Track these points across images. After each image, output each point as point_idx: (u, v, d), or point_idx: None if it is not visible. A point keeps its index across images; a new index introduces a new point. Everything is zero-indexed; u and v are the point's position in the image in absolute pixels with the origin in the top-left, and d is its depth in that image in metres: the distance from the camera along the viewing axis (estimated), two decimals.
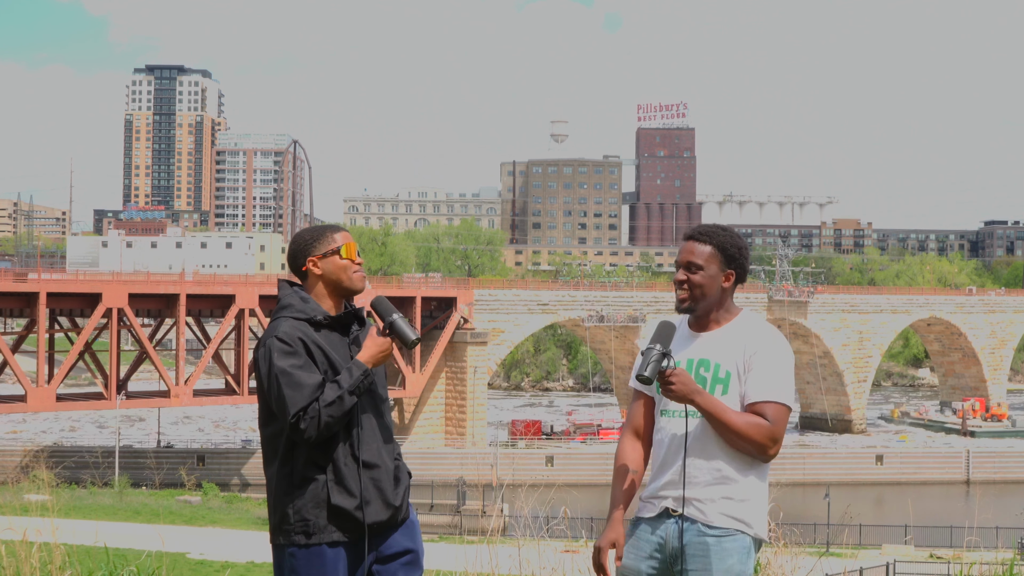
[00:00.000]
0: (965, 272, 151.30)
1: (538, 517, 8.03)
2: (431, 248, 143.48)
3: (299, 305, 4.26)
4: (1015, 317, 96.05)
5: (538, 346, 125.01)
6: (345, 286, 4.35)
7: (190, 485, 50.82)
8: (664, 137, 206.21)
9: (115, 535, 10.29)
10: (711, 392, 4.23)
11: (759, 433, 4.13)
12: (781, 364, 4.24)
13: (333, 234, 4.35)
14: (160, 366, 56.07)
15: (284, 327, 4.18)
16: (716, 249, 4.33)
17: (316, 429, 4.07)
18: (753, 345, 4.24)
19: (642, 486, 4.45)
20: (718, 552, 4.19)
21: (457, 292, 70.62)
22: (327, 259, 4.32)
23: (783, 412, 4.19)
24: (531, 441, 71.81)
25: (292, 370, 4.09)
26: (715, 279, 4.31)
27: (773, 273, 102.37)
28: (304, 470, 4.19)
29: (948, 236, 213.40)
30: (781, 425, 4.18)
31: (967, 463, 68.93)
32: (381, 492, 4.26)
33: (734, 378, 4.23)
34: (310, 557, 4.18)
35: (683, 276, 4.33)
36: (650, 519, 4.33)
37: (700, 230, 4.38)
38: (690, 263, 4.32)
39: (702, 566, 4.19)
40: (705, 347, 4.32)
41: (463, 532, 37.99)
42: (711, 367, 4.27)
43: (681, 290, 4.33)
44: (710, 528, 4.20)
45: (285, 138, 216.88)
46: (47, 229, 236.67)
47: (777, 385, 4.20)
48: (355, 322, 4.40)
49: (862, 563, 27.03)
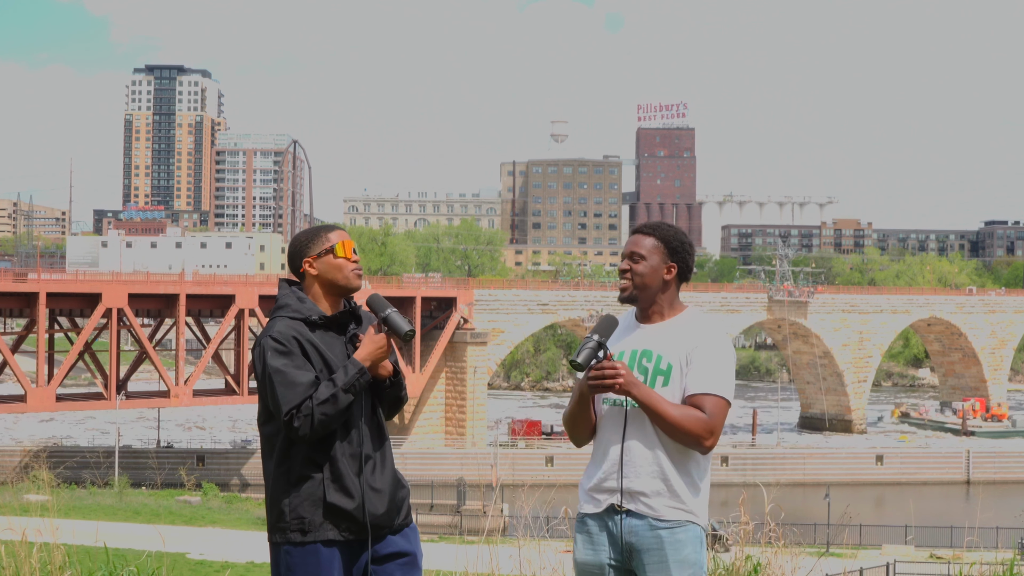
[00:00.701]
0: (965, 272, 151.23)
1: (538, 517, 8.03)
2: (431, 248, 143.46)
3: (295, 305, 4.29)
4: (1015, 317, 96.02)
5: (538, 346, 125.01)
6: (341, 284, 4.37)
7: (190, 485, 50.79)
8: (664, 137, 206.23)
9: (115, 535, 10.28)
10: (652, 384, 4.30)
11: (695, 425, 4.18)
12: (722, 359, 4.32)
13: (327, 234, 4.37)
14: (160, 366, 56.05)
15: (279, 326, 4.22)
16: (659, 241, 4.46)
17: (310, 427, 4.09)
18: (695, 339, 4.34)
19: (584, 478, 4.49)
20: (672, 544, 4.27)
21: (457, 292, 70.61)
22: (322, 259, 4.34)
23: (721, 405, 4.25)
24: (531, 441, 71.75)
25: (285, 369, 4.12)
26: (657, 270, 4.42)
27: (773, 273, 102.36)
28: (301, 468, 4.21)
29: (948, 236, 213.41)
30: (719, 418, 4.23)
31: (967, 463, 68.91)
32: (378, 491, 4.28)
33: (675, 370, 4.31)
34: (306, 555, 4.20)
35: (626, 265, 4.45)
36: (598, 514, 4.38)
37: (647, 224, 4.52)
38: (633, 253, 4.44)
39: (658, 559, 4.26)
40: (648, 338, 4.41)
41: (463, 532, 37.95)
42: (653, 358, 4.35)
43: (623, 279, 4.44)
44: (660, 521, 4.28)
45: (285, 138, 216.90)
46: (47, 229, 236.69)
47: (717, 378, 4.27)
48: (352, 321, 4.40)
49: (862, 563, 27.04)
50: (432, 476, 53.46)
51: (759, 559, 7.32)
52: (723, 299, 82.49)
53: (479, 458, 60.64)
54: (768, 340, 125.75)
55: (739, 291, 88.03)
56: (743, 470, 63.21)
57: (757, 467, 64.26)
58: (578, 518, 4.48)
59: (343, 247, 4.33)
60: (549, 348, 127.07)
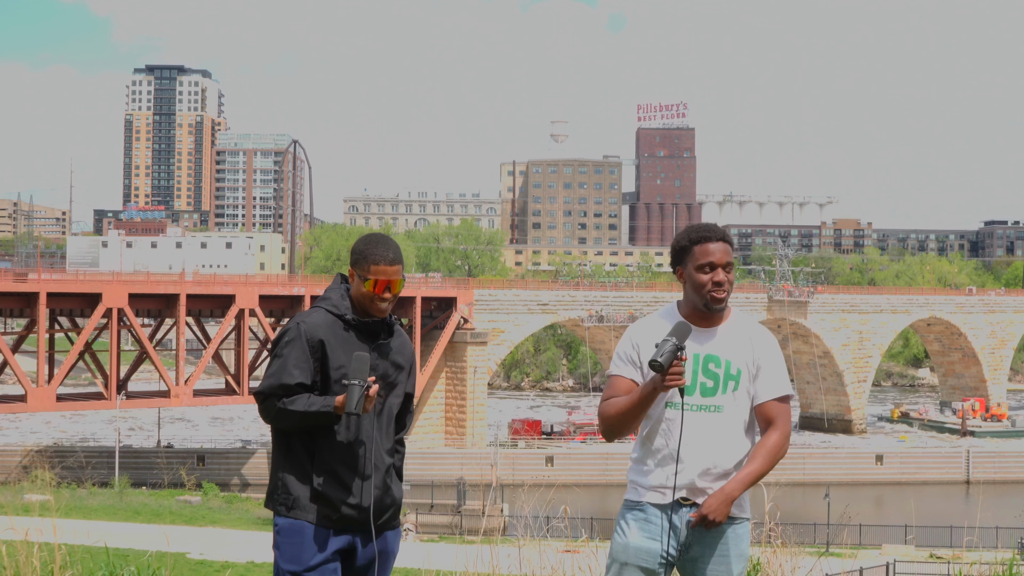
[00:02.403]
0: (965, 272, 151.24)
1: (538, 517, 8.04)
2: (431, 248, 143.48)
3: (335, 300, 4.53)
4: (1015, 317, 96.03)
5: (538, 346, 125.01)
6: (365, 308, 4.54)
7: (190, 485, 50.83)
8: (664, 137, 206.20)
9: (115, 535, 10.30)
10: (723, 388, 4.48)
11: (775, 453, 4.47)
12: (780, 360, 4.59)
13: (373, 264, 4.48)
14: (160, 366, 56.06)
15: (315, 318, 4.46)
16: (729, 246, 4.61)
17: (268, 418, 4.38)
18: (757, 345, 4.54)
19: (640, 472, 4.60)
20: (733, 538, 4.52)
21: (457, 292, 70.63)
22: (359, 278, 4.51)
23: (789, 408, 4.56)
24: (531, 441, 71.78)
25: (288, 357, 4.37)
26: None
27: (773, 273, 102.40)
28: (299, 448, 4.43)
29: (948, 236, 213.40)
30: (788, 419, 4.55)
31: (967, 463, 68.93)
32: (366, 485, 4.44)
33: (744, 375, 4.50)
34: (292, 530, 4.39)
35: (722, 277, 4.53)
36: (660, 505, 4.51)
37: (721, 230, 4.60)
38: (729, 263, 4.55)
39: (721, 552, 4.48)
40: (711, 343, 4.54)
41: (463, 532, 37.93)
42: (722, 363, 4.51)
43: (723, 290, 4.52)
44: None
45: (285, 138, 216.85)
46: (47, 229, 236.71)
47: (781, 381, 4.56)
48: (384, 330, 4.58)
49: (862, 563, 27.05)
50: (432, 476, 53.47)
51: (759, 558, 7.33)
52: None
53: (479, 458, 60.64)
54: None
55: (739, 291, 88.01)
56: None
57: None
58: (632, 505, 4.57)
59: (374, 284, 4.47)
60: (549, 348, 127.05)
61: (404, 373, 4.64)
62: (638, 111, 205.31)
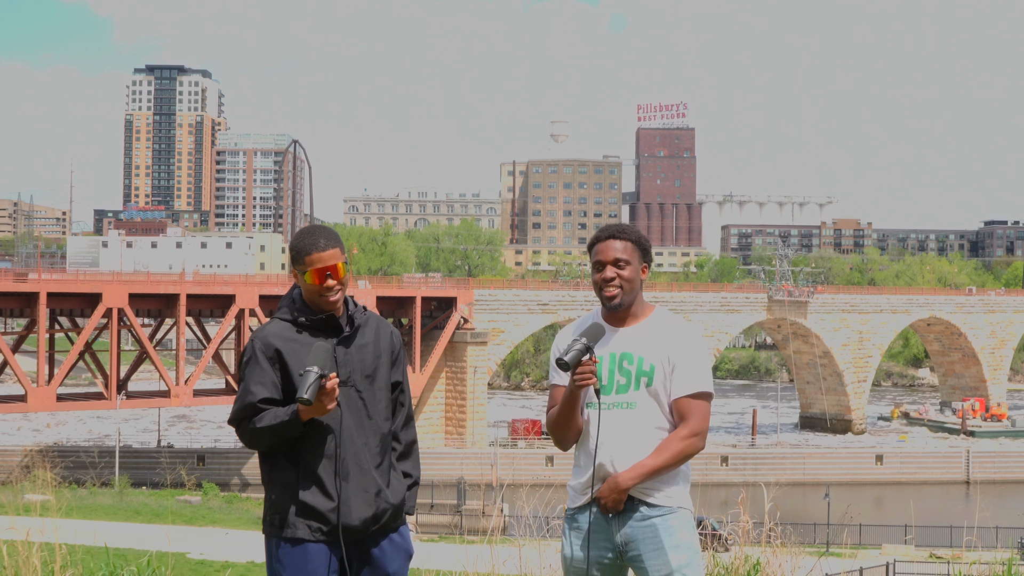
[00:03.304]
0: (965, 272, 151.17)
1: (538, 517, 8.04)
2: (431, 248, 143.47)
3: (287, 306, 4.37)
4: (1015, 317, 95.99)
5: (538, 346, 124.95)
6: (317, 305, 4.34)
7: (190, 485, 50.82)
8: (664, 137, 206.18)
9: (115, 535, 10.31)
10: (636, 385, 4.43)
11: (683, 449, 4.38)
12: (701, 357, 4.48)
13: (307, 255, 4.28)
14: (160, 366, 56.04)
15: (269, 329, 4.31)
16: (634, 244, 4.52)
17: (248, 442, 4.25)
18: (673, 341, 4.45)
19: (573, 476, 4.61)
20: (665, 529, 4.39)
21: (457, 292, 70.60)
22: (300, 275, 4.32)
23: (706, 404, 4.45)
24: (531, 441, 71.76)
25: (249, 377, 4.24)
26: (637, 272, 4.51)
27: (773, 273, 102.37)
28: (282, 464, 4.27)
29: (948, 236, 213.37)
30: (703, 418, 4.43)
31: (967, 463, 68.90)
32: (355, 496, 4.25)
33: (658, 370, 4.43)
34: (285, 549, 4.24)
35: (612, 273, 4.46)
36: (585, 507, 4.50)
37: (615, 228, 4.56)
38: (617, 259, 4.47)
39: (654, 546, 4.39)
40: (626, 342, 4.49)
41: (463, 532, 37.92)
42: (635, 360, 4.45)
43: (611, 287, 4.46)
44: (652, 508, 4.41)
45: (285, 138, 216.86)
46: (47, 229, 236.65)
47: (699, 377, 4.44)
48: (345, 323, 4.37)
49: (862, 563, 27.08)
50: (432, 476, 53.40)
51: (758, 558, 7.33)
52: (723, 299, 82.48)
53: (479, 458, 60.63)
54: (768, 340, 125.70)
55: (739, 291, 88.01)
56: (743, 470, 63.23)
57: (757, 467, 64.24)
58: (568, 515, 4.57)
59: (312, 275, 4.27)
60: (549, 348, 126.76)
61: (384, 362, 4.38)
62: (638, 111, 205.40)
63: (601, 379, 4.45)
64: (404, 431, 4.51)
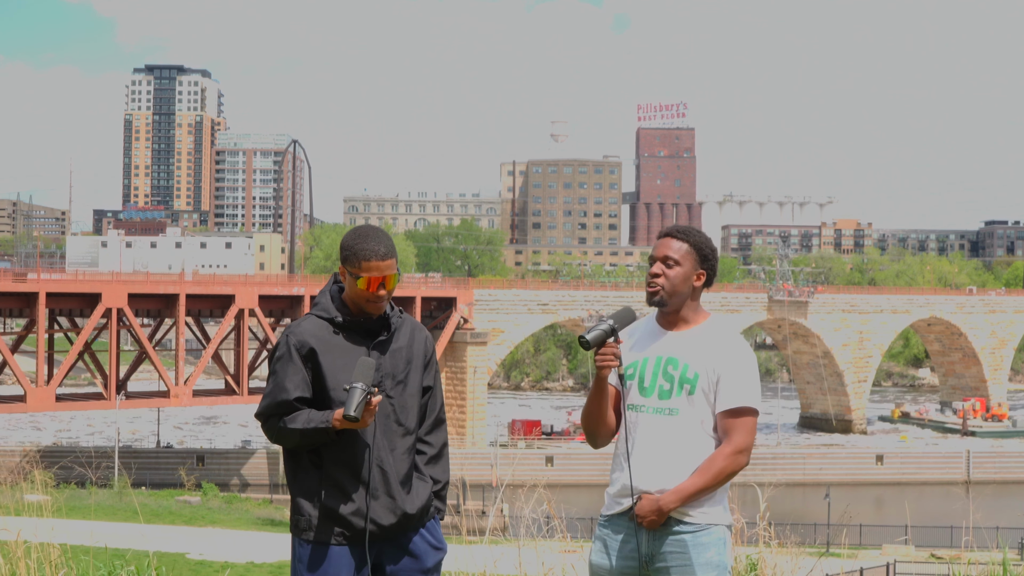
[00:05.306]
0: (965, 272, 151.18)
1: (538, 517, 8.02)
2: (431, 248, 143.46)
3: (324, 303, 4.31)
4: (1015, 317, 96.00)
5: (538, 346, 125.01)
6: (360, 306, 4.30)
7: (190, 485, 50.80)
8: (664, 137, 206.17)
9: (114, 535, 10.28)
10: (678, 392, 4.33)
11: (725, 468, 4.30)
12: (749, 371, 4.36)
13: (364, 260, 4.21)
14: (160, 366, 56.05)
15: (306, 325, 4.25)
16: (692, 247, 4.45)
17: (272, 438, 4.22)
18: (722, 352, 4.35)
19: (611, 483, 4.50)
20: (695, 546, 4.29)
21: (457, 292, 70.60)
22: (350, 276, 4.27)
23: (751, 419, 4.34)
24: (531, 441, 71.78)
25: (281, 372, 4.19)
26: (688, 276, 4.43)
27: (773, 273, 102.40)
28: (307, 464, 4.24)
29: (948, 236, 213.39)
30: (748, 434, 4.33)
31: (967, 463, 68.90)
32: (379, 499, 4.21)
33: (702, 379, 4.32)
34: (311, 551, 4.21)
35: (659, 270, 4.42)
36: (619, 517, 4.40)
37: (678, 228, 4.50)
38: (667, 257, 4.42)
39: (682, 562, 4.28)
40: (674, 345, 4.42)
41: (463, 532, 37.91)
42: (679, 366, 4.36)
43: (655, 282, 4.42)
44: (684, 524, 4.31)
45: (285, 138, 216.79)
46: (47, 229, 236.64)
47: (746, 392, 4.33)
48: (382, 327, 4.32)
49: (862, 563, 27.06)
50: None
51: (757, 558, 7.32)
52: (723, 299, 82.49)
53: (479, 458, 60.68)
54: (768, 340, 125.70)
55: (739, 291, 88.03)
56: (743, 470, 63.18)
57: (757, 467, 63.97)
58: (601, 521, 4.48)
59: (367, 281, 4.21)
60: (549, 348, 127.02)
61: (416, 366, 4.34)
62: (638, 111, 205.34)
63: (643, 381, 4.38)
64: (434, 434, 4.45)
